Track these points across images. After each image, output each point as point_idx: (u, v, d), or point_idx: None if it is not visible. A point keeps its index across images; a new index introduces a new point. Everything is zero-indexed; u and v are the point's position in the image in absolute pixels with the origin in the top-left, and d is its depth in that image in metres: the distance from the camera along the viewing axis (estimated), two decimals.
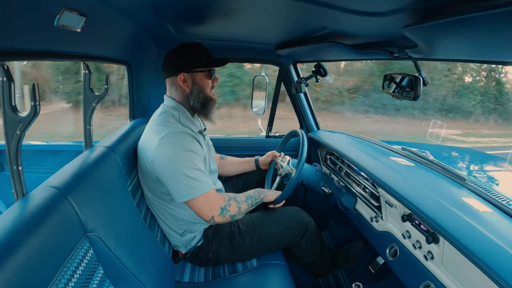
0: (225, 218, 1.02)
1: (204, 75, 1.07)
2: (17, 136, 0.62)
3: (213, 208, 0.99)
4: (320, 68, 1.43)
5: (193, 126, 1.06)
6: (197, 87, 1.06)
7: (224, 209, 1.01)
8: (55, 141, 1.85)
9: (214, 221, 1.00)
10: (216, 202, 1.00)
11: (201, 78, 1.07)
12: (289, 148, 1.63)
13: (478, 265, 0.61)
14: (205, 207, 0.98)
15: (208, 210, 0.98)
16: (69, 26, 0.71)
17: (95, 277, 0.64)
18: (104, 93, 1.00)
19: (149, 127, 1.05)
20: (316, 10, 0.77)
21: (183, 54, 1.05)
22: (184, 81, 1.05)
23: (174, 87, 1.08)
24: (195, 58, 1.05)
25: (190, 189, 0.94)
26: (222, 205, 1.01)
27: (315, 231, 1.22)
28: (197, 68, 1.05)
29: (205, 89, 1.08)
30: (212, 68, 1.08)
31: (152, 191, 1.05)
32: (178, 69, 1.05)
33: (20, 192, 0.64)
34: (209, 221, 1.00)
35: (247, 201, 1.10)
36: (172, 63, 1.06)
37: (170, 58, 1.06)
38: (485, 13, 0.44)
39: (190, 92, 1.07)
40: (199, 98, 1.07)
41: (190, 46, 1.06)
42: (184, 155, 0.94)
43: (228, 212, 1.02)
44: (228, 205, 1.03)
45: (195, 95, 1.07)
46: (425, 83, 0.95)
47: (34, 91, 0.62)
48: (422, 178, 1.03)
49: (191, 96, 1.07)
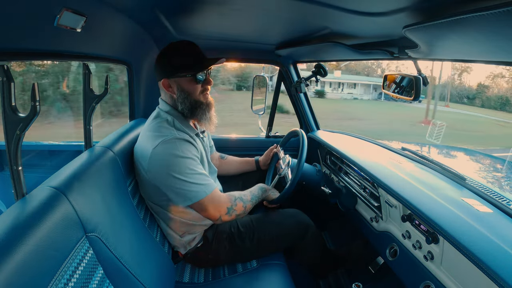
0: (231, 217, 1.04)
1: (188, 80, 0.98)
2: (17, 136, 0.62)
3: (220, 209, 1.00)
4: (320, 68, 1.43)
5: (188, 130, 1.03)
6: (183, 92, 0.99)
7: (231, 209, 1.02)
8: (55, 141, 1.85)
9: (222, 220, 1.01)
10: (222, 202, 1.00)
11: (185, 82, 0.99)
12: (289, 148, 1.63)
13: (478, 265, 0.61)
14: (211, 208, 0.98)
15: (215, 210, 0.99)
16: (69, 26, 0.71)
17: (95, 277, 0.64)
18: (104, 93, 1.00)
19: (143, 133, 1.02)
20: (316, 10, 0.77)
21: (165, 57, 0.98)
22: (169, 86, 1.00)
23: (163, 91, 1.03)
24: (178, 62, 0.96)
25: (193, 194, 0.94)
26: (228, 205, 1.02)
27: (315, 233, 1.22)
28: (179, 73, 0.97)
29: (192, 94, 1.00)
30: (195, 73, 0.98)
31: (150, 198, 1.04)
32: (161, 74, 0.99)
33: (20, 192, 0.64)
34: (217, 221, 1.01)
35: (252, 200, 1.11)
36: (157, 66, 1.00)
37: (156, 62, 1.01)
38: (485, 13, 0.44)
39: (176, 97, 1.01)
40: (185, 104, 1.00)
41: (174, 47, 0.98)
42: (180, 162, 0.92)
43: (234, 212, 1.03)
44: (234, 204, 1.03)
45: (181, 101, 1.00)
46: (425, 83, 0.95)
47: (34, 91, 0.62)
48: (422, 178, 1.03)
49: (177, 102, 1.01)
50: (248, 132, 2.05)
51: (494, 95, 20.25)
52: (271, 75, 3.06)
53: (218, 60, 1.00)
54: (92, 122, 0.99)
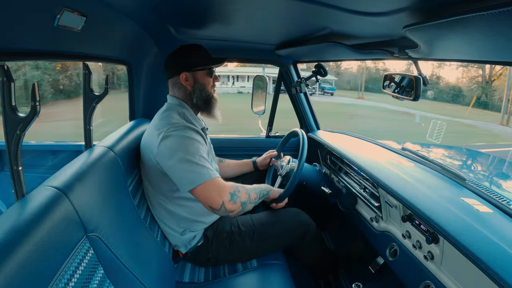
0: (236, 205, 0.97)
1: (205, 73, 1.11)
2: (17, 136, 0.62)
3: (223, 194, 0.95)
4: (320, 68, 1.43)
5: (196, 123, 1.08)
6: (199, 85, 1.10)
7: (234, 195, 0.97)
8: (55, 141, 1.85)
9: (225, 208, 0.95)
10: (225, 187, 0.97)
11: (202, 76, 1.10)
12: (289, 148, 1.63)
13: (478, 265, 0.61)
14: (213, 193, 0.94)
15: (217, 195, 0.94)
16: (69, 26, 0.71)
17: (95, 277, 0.64)
18: (104, 93, 1.00)
19: (153, 123, 1.06)
20: (316, 10, 0.77)
21: (184, 54, 1.10)
22: (186, 79, 1.09)
23: (177, 86, 1.11)
24: (196, 57, 1.09)
25: (196, 175, 0.93)
26: (231, 190, 0.98)
27: (315, 233, 1.22)
28: (197, 66, 1.09)
29: (207, 86, 1.11)
30: (212, 67, 1.11)
31: (154, 187, 1.05)
32: (179, 69, 1.08)
33: (20, 192, 0.64)
34: (220, 209, 0.95)
35: (255, 189, 1.07)
36: (173, 63, 1.09)
37: (172, 59, 1.10)
38: (485, 13, 0.44)
39: (192, 90, 1.10)
40: (201, 96, 1.10)
41: (190, 47, 1.11)
42: (189, 143, 0.96)
43: (238, 198, 0.98)
44: (237, 191, 0.99)
45: (197, 92, 1.10)
46: (425, 83, 0.95)
47: (34, 91, 0.62)
48: (422, 178, 1.03)
49: (193, 94, 1.10)
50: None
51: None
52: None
53: (225, 59, 1.16)
54: (92, 122, 0.99)
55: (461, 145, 6.71)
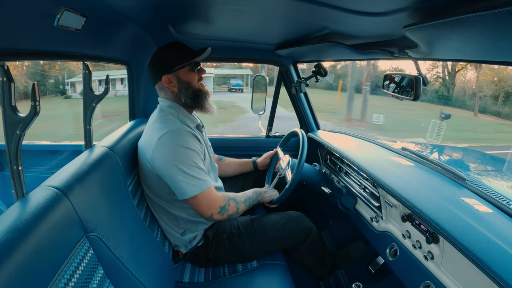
0: (223, 216, 1.05)
1: (186, 70, 1.07)
2: (17, 136, 0.62)
3: (213, 207, 1.01)
4: (320, 68, 1.43)
5: (190, 122, 1.08)
6: (183, 83, 1.07)
7: (223, 208, 1.03)
8: (55, 141, 1.85)
9: (213, 218, 1.03)
10: (215, 201, 1.02)
11: (184, 74, 1.07)
12: (289, 148, 1.63)
13: (478, 265, 0.61)
14: (204, 205, 1.00)
15: (208, 208, 1.00)
16: (69, 26, 0.71)
17: (95, 277, 0.64)
18: (104, 93, 1.00)
19: (148, 127, 1.06)
20: (316, 10, 0.77)
21: (161, 57, 1.06)
22: (170, 81, 1.06)
23: (163, 90, 1.09)
24: (172, 57, 1.05)
25: (189, 187, 0.96)
26: (221, 204, 1.03)
27: (316, 237, 1.22)
28: (176, 65, 1.05)
29: (192, 83, 1.08)
30: (191, 62, 1.07)
31: (152, 191, 1.06)
32: (160, 72, 1.06)
33: (20, 192, 0.64)
34: (208, 218, 1.03)
35: (245, 202, 1.12)
36: (153, 69, 1.07)
37: (151, 65, 1.08)
38: (485, 13, 0.44)
39: (178, 90, 1.07)
40: (188, 94, 1.07)
41: (166, 48, 1.07)
42: (184, 152, 0.96)
43: (226, 212, 1.05)
44: (227, 204, 1.05)
45: (184, 91, 1.07)
46: (425, 83, 0.95)
47: (34, 91, 0.62)
48: (422, 178, 1.03)
49: (180, 94, 1.07)
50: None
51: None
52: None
53: (206, 49, 1.08)
54: (92, 122, 0.99)
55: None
